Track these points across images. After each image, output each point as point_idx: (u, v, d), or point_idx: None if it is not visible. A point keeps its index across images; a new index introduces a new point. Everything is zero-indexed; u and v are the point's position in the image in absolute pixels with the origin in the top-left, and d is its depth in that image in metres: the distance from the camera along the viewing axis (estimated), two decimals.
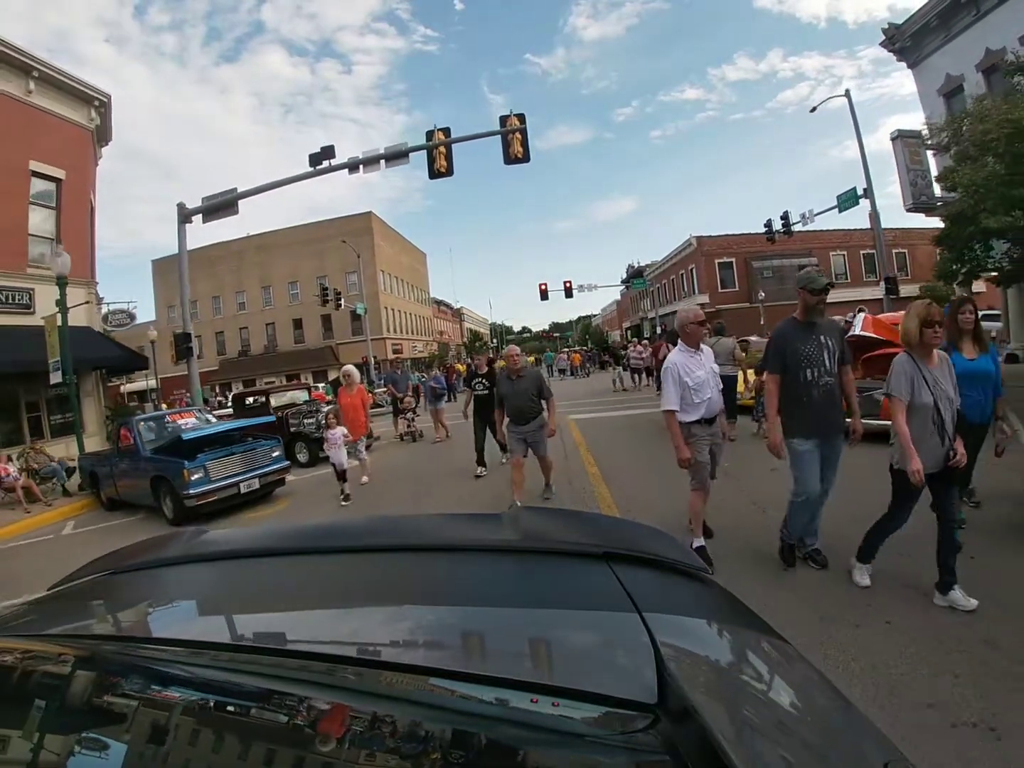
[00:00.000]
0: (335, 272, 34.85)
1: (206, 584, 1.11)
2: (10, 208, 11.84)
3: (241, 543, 1.31)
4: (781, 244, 22.84)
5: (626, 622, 0.74)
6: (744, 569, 3.54)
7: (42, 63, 12.91)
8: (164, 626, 1.00)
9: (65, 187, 13.09)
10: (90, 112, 14.19)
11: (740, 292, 32.08)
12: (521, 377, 5.51)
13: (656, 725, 0.54)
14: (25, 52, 12.61)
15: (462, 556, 1.09)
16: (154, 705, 0.67)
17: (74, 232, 13.19)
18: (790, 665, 0.79)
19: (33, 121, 12.67)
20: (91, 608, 1.07)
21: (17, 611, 1.08)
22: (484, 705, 0.61)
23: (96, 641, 0.88)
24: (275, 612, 0.97)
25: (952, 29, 14.10)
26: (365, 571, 1.08)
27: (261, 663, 0.72)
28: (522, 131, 9.10)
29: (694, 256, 34.04)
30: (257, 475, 7.02)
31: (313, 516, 6.22)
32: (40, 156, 12.60)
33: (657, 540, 1.07)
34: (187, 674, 0.72)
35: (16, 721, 0.62)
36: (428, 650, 0.79)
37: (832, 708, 0.71)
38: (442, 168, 9.31)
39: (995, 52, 13.02)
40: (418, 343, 45.20)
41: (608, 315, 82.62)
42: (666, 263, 40.05)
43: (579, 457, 7.59)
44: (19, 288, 11.70)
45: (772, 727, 0.60)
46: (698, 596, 0.93)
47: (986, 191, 7.16)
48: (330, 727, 0.61)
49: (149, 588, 1.12)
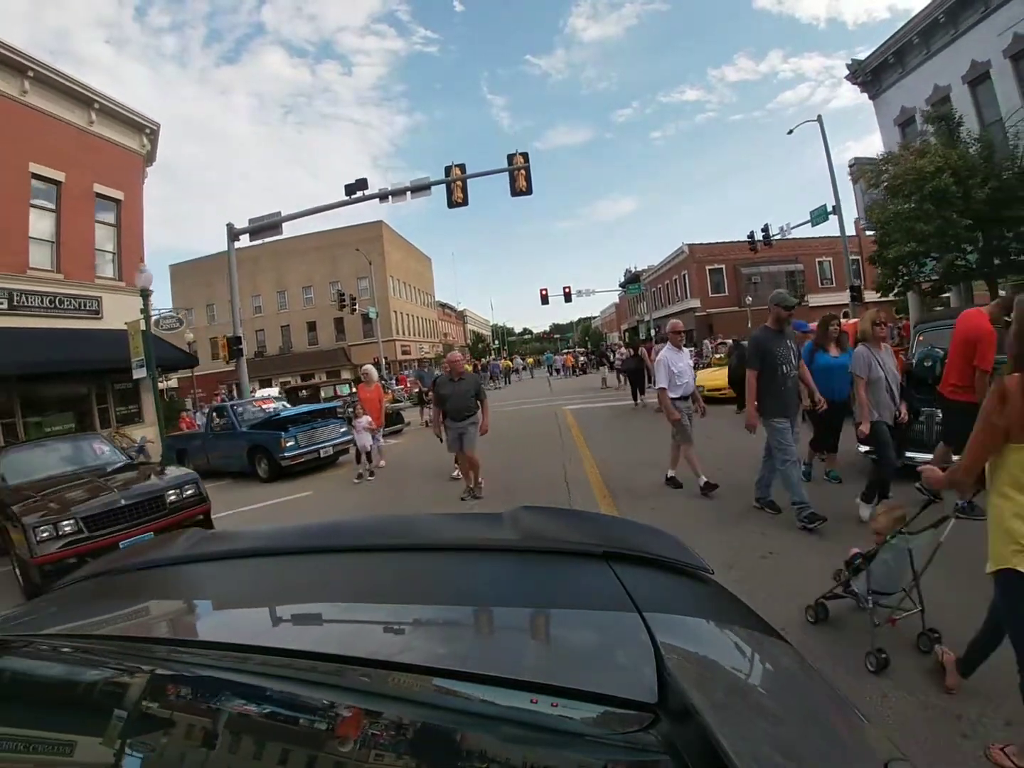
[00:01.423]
0: (347, 277, 36.75)
1: (206, 584, 1.12)
2: (80, 227, 13.65)
3: (241, 543, 1.31)
4: (770, 251, 24.58)
5: (626, 622, 0.74)
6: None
7: (103, 96, 14.70)
8: (164, 626, 1.02)
9: (124, 207, 14.93)
10: (142, 139, 16.03)
11: (730, 296, 33.85)
12: (462, 379, 6.26)
13: (656, 725, 0.54)
14: (88, 87, 14.36)
15: (462, 556, 1.10)
16: (155, 705, 0.68)
17: (131, 247, 15.03)
18: (790, 665, 0.79)
19: (95, 149, 14.46)
20: (91, 608, 1.06)
21: (17, 611, 1.10)
22: (484, 705, 0.61)
23: (96, 641, 0.88)
24: (275, 612, 0.97)
25: (907, 66, 15.87)
26: (365, 571, 1.08)
27: (261, 663, 0.73)
28: (526, 168, 10.90)
29: (686, 263, 35.87)
30: (331, 444, 9.41)
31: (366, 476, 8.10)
32: (102, 179, 14.40)
33: (657, 540, 1.06)
34: (188, 674, 0.73)
35: (16, 721, 0.62)
36: (428, 650, 0.79)
37: (832, 708, 0.71)
38: (459, 199, 11.07)
39: (942, 88, 14.80)
40: (424, 344, 47.08)
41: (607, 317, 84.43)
42: (661, 269, 41.86)
43: (571, 433, 9.86)
44: (89, 296, 13.50)
45: (772, 727, 0.60)
46: (698, 596, 0.92)
47: (893, 226, 8.94)
48: (330, 726, 0.62)
49: (149, 588, 1.12)
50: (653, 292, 44.06)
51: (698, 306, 33.90)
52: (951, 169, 8.48)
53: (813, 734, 0.62)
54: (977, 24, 13.74)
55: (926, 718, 2.15)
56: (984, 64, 13.52)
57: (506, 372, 34.60)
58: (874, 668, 2.44)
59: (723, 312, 32.63)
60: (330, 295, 38.02)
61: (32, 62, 12.62)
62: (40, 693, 0.73)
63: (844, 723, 0.67)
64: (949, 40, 14.47)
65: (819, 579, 3.05)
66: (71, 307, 12.98)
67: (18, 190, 12.27)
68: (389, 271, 39.17)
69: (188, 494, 5.53)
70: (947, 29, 14.40)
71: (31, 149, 12.53)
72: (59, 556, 4.51)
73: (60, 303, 12.75)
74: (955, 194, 8.32)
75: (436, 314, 56.07)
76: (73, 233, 13.36)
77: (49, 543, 4.51)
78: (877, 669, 2.43)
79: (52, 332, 12.22)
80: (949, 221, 8.38)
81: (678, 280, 38.23)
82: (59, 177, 13.20)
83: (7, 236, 11.87)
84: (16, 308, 11.79)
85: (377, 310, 29.23)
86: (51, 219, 13.06)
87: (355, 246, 33.10)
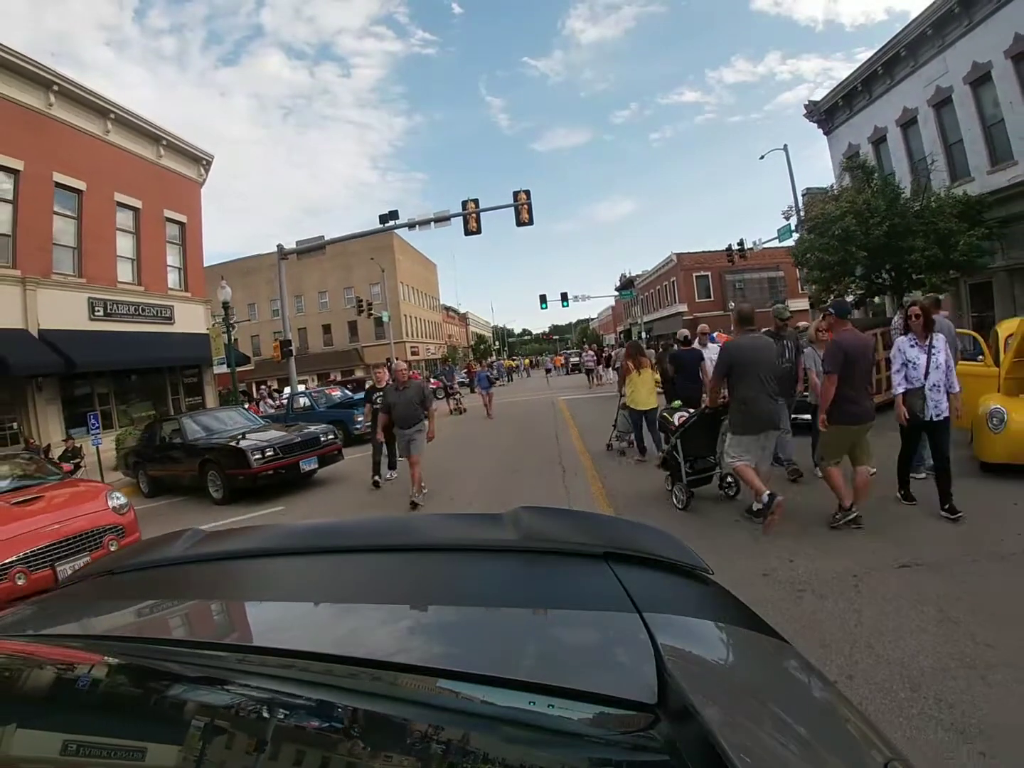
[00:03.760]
0: (360, 283, 39.50)
1: (206, 584, 1.12)
2: (155, 246, 16.30)
3: (241, 543, 1.32)
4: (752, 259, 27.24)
5: (626, 622, 0.75)
6: None
7: (169, 133, 17.30)
8: (164, 626, 1.02)
9: (187, 228, 17.59)
10: (200, 169, 18.68)
11: (715, 301, 36.57)
12: (407, 388, 6.47)
13: (656, 725, 0.54)
14: (158, 125, 16.95)
15: (461, 556, 1.10)
16: (155, 705, 0.68)
17: (194, 262, 17.71)
18: (790, 664, 0.79)
19: (163, 179, 17.09)
20: (91, 608, 1.06)
21: (18, 611, 1.11)
22: (483, 705, 0.62)
23: (96, 641, 0.88)
24: (274, 612, 0.98)
25: (853, 109, 18.56)
26: (364, 571, 1.09)
27: (260, 663, 0.73)
28: (528, 203, 13.53)
29: (675, 270, 38.62)
30: None
31: None
32: (170, 205, 17.04)
33: (657, 540, 1.06)
34: (188, 674, 0.73)
35: (17, 721, 0.62)
36: (427, 650, 0.80)
37: (832, 708, 0.71)
38: (473, 228, 13.71)
39: (880, 128, 17.47)
40: (431, 345, 49.92)
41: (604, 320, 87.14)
42: (652, 275, 44.66)
43: (563, 414, 12.93)
44: (164, 305, 16.14)
45: (772, 727, 0.60)
46: (698, 596, 0.92)
47: (808, 257, 11.62)
48: (330, 726, 0.62)
49: (149, 588, 1.12)
50: (645, 297, 46.80)
51: (685, 310, 36.60)
52: (855, 212, 11.14)
53: (813, 734, 0.62)
54: (908, 76, 16.40)
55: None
56: (912, 111, 16.19)
57: (508, 371, 37.72)
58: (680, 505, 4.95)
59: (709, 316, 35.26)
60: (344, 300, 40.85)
61: (114, 106, 15.20)
62: (40, 693, 0.73)
63: (844, 723, 0.68)
64: (886, 89, 17.15)
65: None
66: (150, 314, 15.63)
67: (107, 217, 14.91)
68: (400, 277, 41.95)
69: (330, 437, 8.62)
70: (884, 80, 17.07)
71: (116, 181, 15.15)
72: (263, 469, 7.37)
73: (142, 311, 15.39)
74: (855, 232, 10.97)
75: (441, 316, 58.88)
76: (149, 252, 16.03)
77: (259, 461, 7.36)
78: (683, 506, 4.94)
79: (136, 335, 14.88)
80: (850, 253, 11.04)
81: (668, 286, 40.99)
82: (137, 204, 15.85)
83: (103, 257, 14.54)
84: (110, 315, 14.43)
85: (389, 314, 31.95)
86: (132, 240, 15.71)
87: (368, 255, 35.80)
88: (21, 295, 12.41)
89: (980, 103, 14.16)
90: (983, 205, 12.68)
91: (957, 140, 14.83)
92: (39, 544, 4.07)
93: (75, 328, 13.22)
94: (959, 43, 14.57)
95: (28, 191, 12.73)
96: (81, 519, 4.47)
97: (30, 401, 12.41)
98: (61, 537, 4.22)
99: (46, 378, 12.51)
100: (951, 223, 11.12)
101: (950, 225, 11.00)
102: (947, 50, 14.90)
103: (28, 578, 3.92)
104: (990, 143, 13.88)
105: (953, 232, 11.03)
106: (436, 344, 52.26)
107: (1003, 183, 13.18)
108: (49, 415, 12.74)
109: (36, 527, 4.20)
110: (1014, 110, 13.15)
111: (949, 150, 15.11)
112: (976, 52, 14.00)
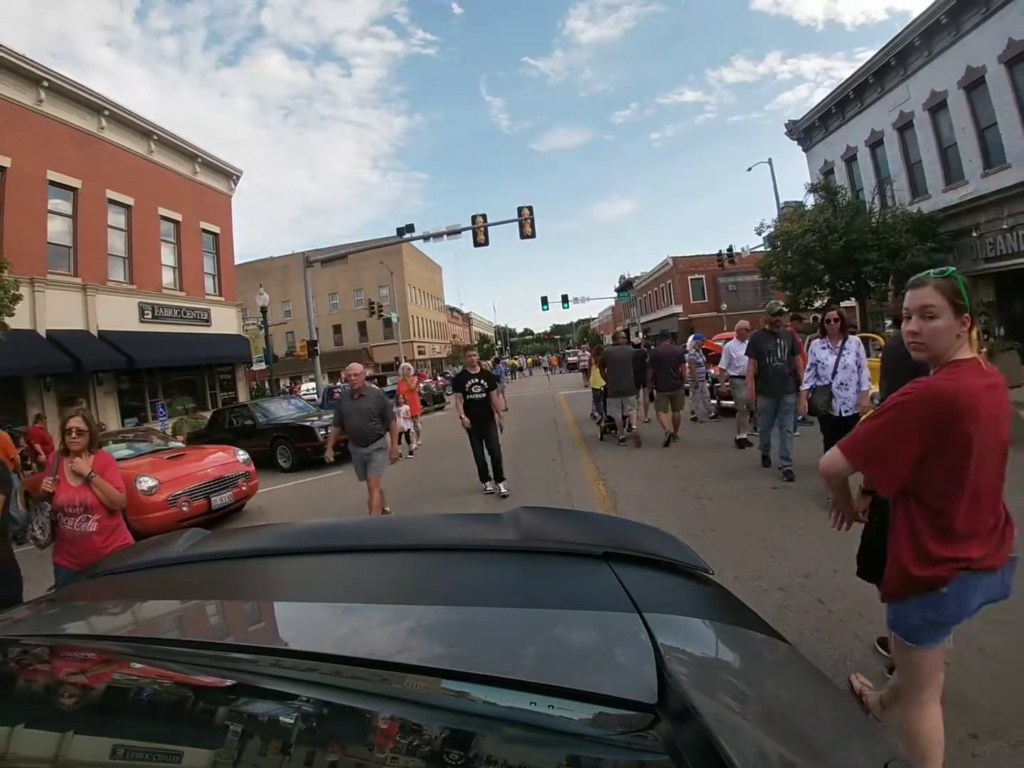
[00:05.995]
0: (369, 285, 41.23)
1: (206, 584, 1.12)
2: (193, 255, 18.01)
3: (241, 543, 1.32)
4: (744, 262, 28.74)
5: (626, 622, 0.75)
6: None
7: (203, 152, 18.98)
8: (164, 626, 1.02)
9: (220, 238, 19.31)
10: (230, 183, 20.40)
11: (709, 303, 38.16)
12: (362, 396, 5.24)
13: (656, 725, 0.55)
14: (193, 144, 18.63)
15: (462, 556, 1.11)
16: (155, 705, 0.68)
17: (226, 269, 19.43)
18: (790, 665, 0.80)
19: (199, 193, 18.79)
20: (91, 608, 1.07)
21: (17, 611, 1.12)
22: (484, 705, 0.62)
23: (96, 641, 0.89)
24: (274, 612, 0.98)
25: (829, 128, 20.21)
26: (365, 571, 1.09)
27: (260, 662, 0.73)
28: (531, 218, 15.16)
29: (671, 273, 40.25)
30: None
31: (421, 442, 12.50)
32: (205, 217, 18.74)
33: (657, 540, 1.07)
34: (188, 674, 0.73)
35: (17, 721, 0.63)
36: (428, 650, 0.79)
37: (832, 707, 0.72)
38: (481, 240, 15.30)
39: (852, 148, 19.11)
40: (436, 345, 51.68)
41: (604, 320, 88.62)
42: (649, 278, 46.31)
43: (561, 407, 14.60)
44: (202, 308, 17.86)
45: (772, 727, 0.60)
46: (698, 596, 0.93)
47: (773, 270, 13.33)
48: (330, 726, 0.62)
49: (149, 588, 1.13)
50: (643, 298, 48.45)
51: (680, 311, 38.24)
52: (815, 230, 12.80)
53: (813, 734, 0.62)
54: (876, 101, 18.03)
55: None
56: (879, 133, 17.82)
57: (512, 370, 39.58)
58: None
59: (703, 317, 36.88)
60: (354, 301, 42.54)
61: (156, 128, 16.90)
62: (40, 693, 0.73)
63: (844, 723, 0.68)
64: (857, 112, 18.78)
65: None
66: (190, 317, 17.34)
67: (152, 229, 16.63)
68: (407, 280, 43.67)
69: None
70: (855, 104, 18.70)
71: (159, 196, 16.86)
72: (323, 444, 8.82)
73: (183, 314, 17.11)
74: (815, 248, 12.64)
75: (445, 317, 60.65)
76: (189, 260, 17.74)
77: (324, 435, 8.75)
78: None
79: (179, 336, 16.59)
80: (810, 267, 12.70)
81: (664, 288, 42.60)
82: (177, 217, 17.56)
83: (149, 265, 16.26)
84: (157, 318, 16.14)
85: (398, 315, 33.66)
86: (173, 250, 17.42)
87: (377, 258, 37.49)
88: (83, 300, 14.12)
89: (938, 128, 15.79)
90: (934, 221, 14.35)
91: (917, 161, 16.48)
92: (197, 483, 5.81)
93: (128, 329, 14.92)
94: (920, 72, 16.21)
95: (85, 207, 14.44)
96: (222, 467, 6.28)
97: (91, 394, 14.12)
98: (210, 479, 6.04)
99: (105, 373, 14.23)
100: (901, 239, 12.76)
101: (900, 240, 12.63)
102: (909, 79, 16.53)
103: (191, 505, 5.73)
104: (945, 164, 15.53)
105: (903, 247, 12.67)
106: (441, 344, 54.04)
107: (955, 200, 14.84)
108: (108, 406, 14.48)
109: (191, 471, 6.01)
110: (965, 135, 14.80)
111: (911, 170, 16.76)
112: (935, 81, 15.63)
